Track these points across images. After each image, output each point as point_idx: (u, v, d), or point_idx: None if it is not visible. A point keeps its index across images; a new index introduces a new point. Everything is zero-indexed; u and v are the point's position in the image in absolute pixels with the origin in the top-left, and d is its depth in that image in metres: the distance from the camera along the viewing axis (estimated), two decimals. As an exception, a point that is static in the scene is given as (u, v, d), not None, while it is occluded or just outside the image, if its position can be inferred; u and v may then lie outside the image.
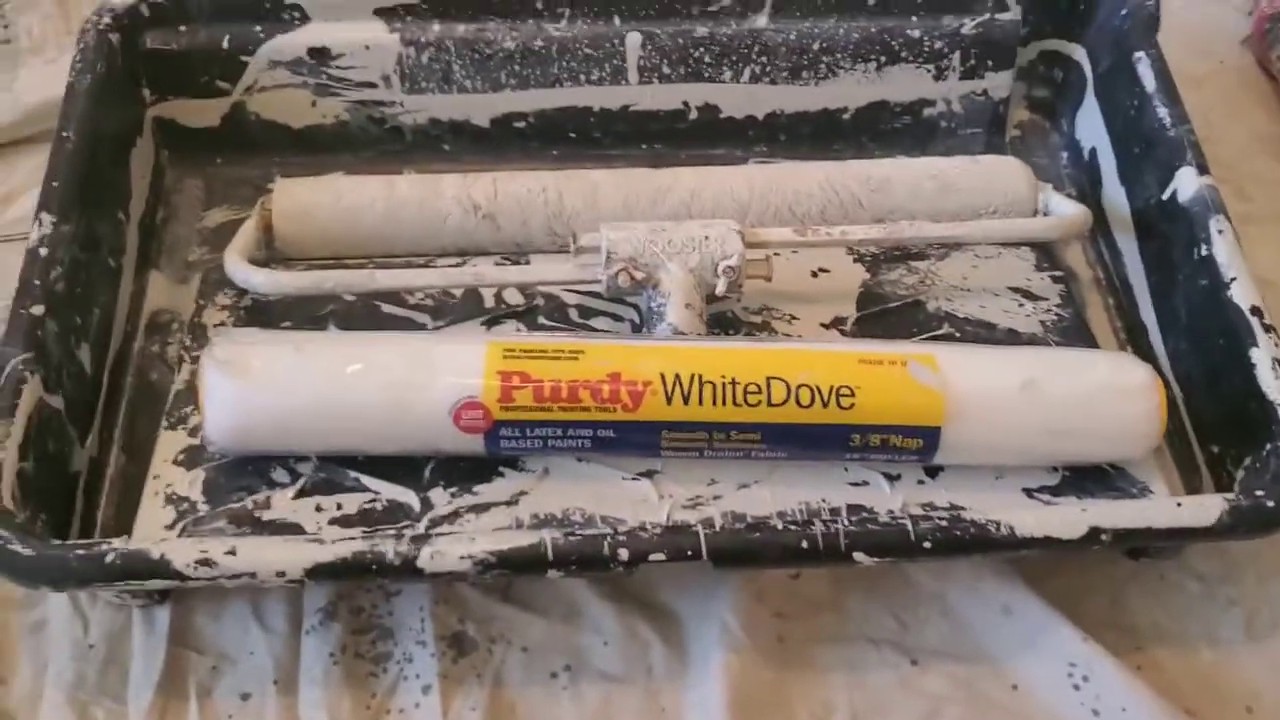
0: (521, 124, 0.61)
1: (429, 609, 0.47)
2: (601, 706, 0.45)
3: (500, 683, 0.46)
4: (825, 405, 0.44)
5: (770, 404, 0.45)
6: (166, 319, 0.54)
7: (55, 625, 0.47)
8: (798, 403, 0.44)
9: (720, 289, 0.50)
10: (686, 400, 0.44)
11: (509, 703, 0.45)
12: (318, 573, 0.41)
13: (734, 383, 0.45)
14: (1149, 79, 0.55)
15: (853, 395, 0.45)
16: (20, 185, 0.61)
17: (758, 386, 0.45)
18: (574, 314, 0.54)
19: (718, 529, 0.43)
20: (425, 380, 0.45)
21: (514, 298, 0.55)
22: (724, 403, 0.44)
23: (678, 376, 0.45)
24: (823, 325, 0.54)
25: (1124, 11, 0.58)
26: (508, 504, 0.47)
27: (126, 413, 0.51)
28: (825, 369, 0.45)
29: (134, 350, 0.53)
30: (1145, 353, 0.53)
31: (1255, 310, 0.48)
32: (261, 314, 0.53)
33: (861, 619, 0.47)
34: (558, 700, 0.45)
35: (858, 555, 0.42)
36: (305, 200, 0.55)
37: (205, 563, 0.41)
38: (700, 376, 0.45)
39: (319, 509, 0.47)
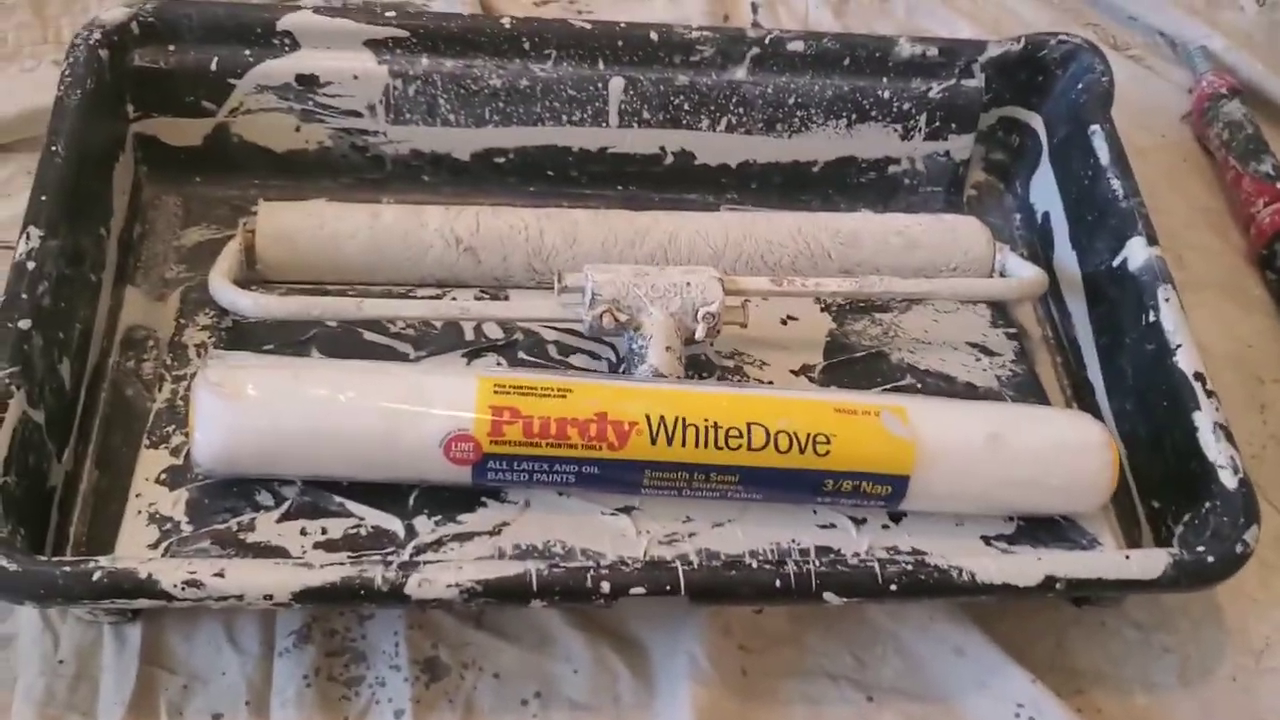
0: (502, 159, 0.62)
1: (403, 633, 0.48)
2: (570, 734, 0.46)
3: (472, 708, 0.46)
4: (802, 451, 0.46)
5: (750, 448, 0.46)
6: (142, 335, 0.54)
7: (24, 640, 0.46)
8: (776, 448, 0.46)
9: (699, 334, 0.52)
10: (670, 441, 0.46)
11: (480, 728, 0.46)
12: (305, 597, 0.42)
13: (715, 426, 0.46)
14: (1103, 151, 0.59)
15: (829, 443, 0.47)
16: (-6, 195, 0.60)
17: (739, 431, 0.46)
18: (552, 350, 0.55)
19: (695, 566, 0.44)
20: (418, 412, 0.46)
21: (494, 331, 0.56)
22: (705, 445, 0.46)
23: (662, 418, 0.46)
24: (791, 372, 0.56)
25: (1080, 85, 0.62)
26: (490, 534, 0.48)
27: (100, 429, 0.51)
28: (803, 416, 0.47)
29: (109, 366, 0.53)
30: (1091, 410, 0.56)
31: (1199, 376, 0.51)
32: (242, 335, 0.54)
33: (821, 655, 0.49)
34: (528, 727, 0.46)
35: (828, 595, 0.44)
36: (289, 224, 0.56)
37: (193, 584, 0.42)
38: (684, 419, 0.46)
39: (304, 533, 0.47)
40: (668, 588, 0.44)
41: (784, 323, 0.58)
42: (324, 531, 0.47)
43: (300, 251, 0.56)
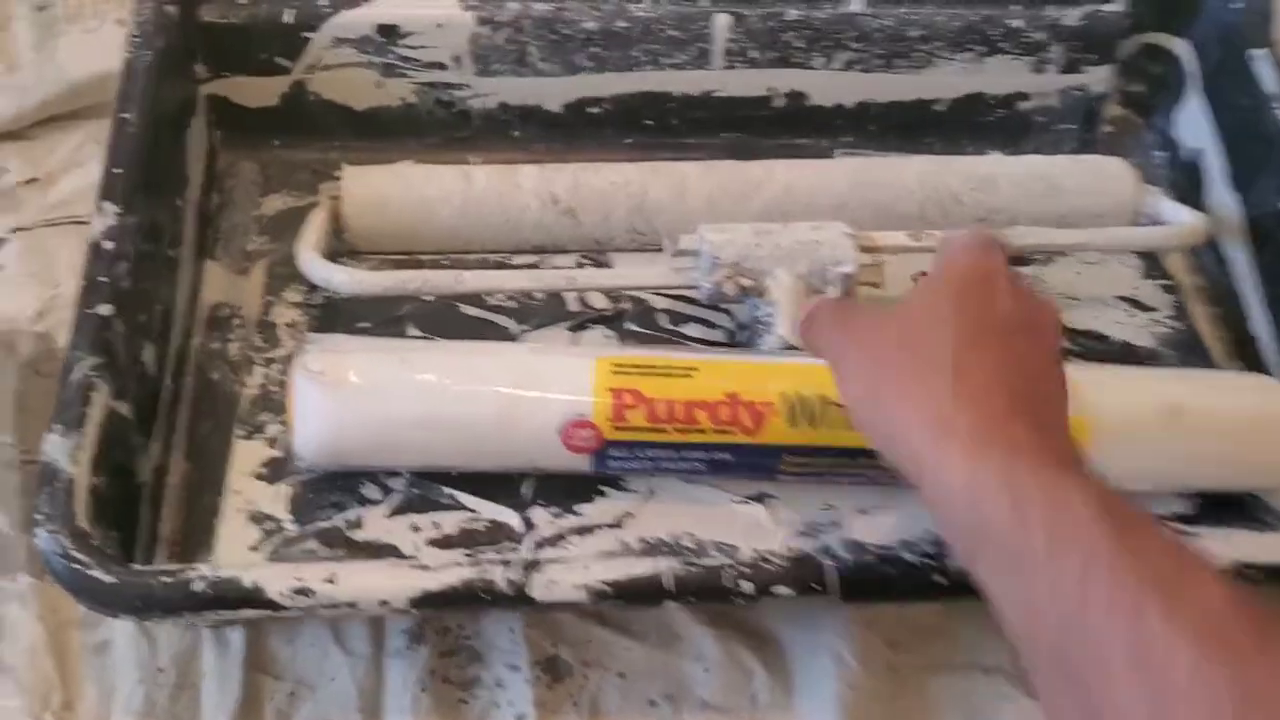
0: (596, 109, 0.57)
1: (520, 630, 0.45)
2: (704, 738, 0.43)
3: (597, 711, 0.44)
4: (960, 429, 0.42)
5: (901, 427, 0.42)
6: (226, 313, 0.51)
7: (120, 646, 0.44)
8: (930, 426, 0.42)
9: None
10: (811, 422, 0.42)
11: (607, 733, 0.43)
12: (424, 602, 0.39)
13: (861, 403, 0.42)
14: (1268, 78, 0.53)
15: (988, 419, 0.42)
16: (61, 165, 0.57)
17: (888, 408, 0.42)
18: (663, 320, 0.51)
19: (845, 561, 0.40)
20: (533, 396, 0.42)
21: (599, 301, 0.52)
22: (850, 425, 0.42)
23: (800, 397, 0.42)
24: (928, 334, 0.51)
25: (1235, 5, 0.55)
26: (612, 526, 0.45)
27: (188, 416, 0.48)
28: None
29: (193, 348, 0.50)
30: (1255, 367, 0.51)
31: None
32: (334, 312, 0.50)
33: (974, 647, 0.45)
34: (658, 731, 0.43)
35: (994, 589, 0.40)
36: (377, 190, 0.52)
37: (302, 591, 0.38)
38: (824, 397, 0.42)
39: (415, 528, 0.44)
40: (815, 586, 0.40)
41: (916, 280, 0.53)
42: (436, 526, 0.44)
43: (390, 219, 0.52)
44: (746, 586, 0.39)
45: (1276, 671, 0.24)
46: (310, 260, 0.48)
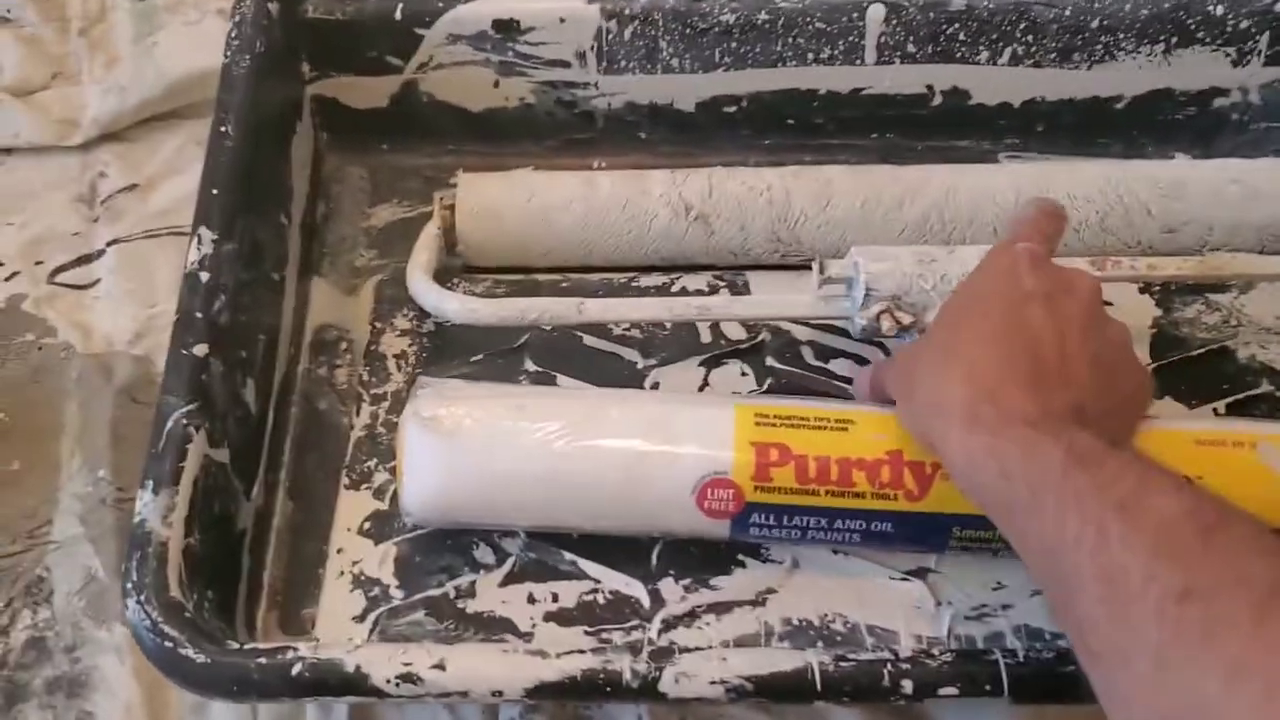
0: (733, 108, 0.52)
1: (646, 704, 0.40)
2: (850, 833, 0.38)
3: (728, 795, 0.39)
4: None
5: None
6: (334, 336, 0.47)
7: (219, 708, 0.41)
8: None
9: (1003, 336, 0.41)
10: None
11: (740, 821, 0.39)
12: (540, 693, 0.35)
13: (1044, 470, 0.36)
14: None
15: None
16: (161, 170, 0.54)
17: (1076, 477, 0.36)
18: (808, 354, 0.46)
19: (1020, 656, 0.35)
20: (664, 451, 0.37)
21: (735, 331, 0.47)
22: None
23: (974, 459, 0.37)
24: (1109, 376, 0.45)
25: None
26: (753, 604, 0.40)
27: (292, 451, 0.45)
28: (1158, 452, 0.36)
29: (298, 374, 0.46)
30: None
31: None
32: (447, 341, 0.46)
33: (1156, 739, 0.40)
34: (798, 822, 0.39)
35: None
36: (492, 198, 0.47)
37: (408, 678, 0.35)
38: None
39: (531, 599, 0.40)
40: (986, 687, 0.35)
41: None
42: (555, 599, 0.40)
43: (506, 229, 0.47)
44: (907, 686, 0.35)
45: (1217, 565, 0.27)
46: (421, 284, 0.44)
